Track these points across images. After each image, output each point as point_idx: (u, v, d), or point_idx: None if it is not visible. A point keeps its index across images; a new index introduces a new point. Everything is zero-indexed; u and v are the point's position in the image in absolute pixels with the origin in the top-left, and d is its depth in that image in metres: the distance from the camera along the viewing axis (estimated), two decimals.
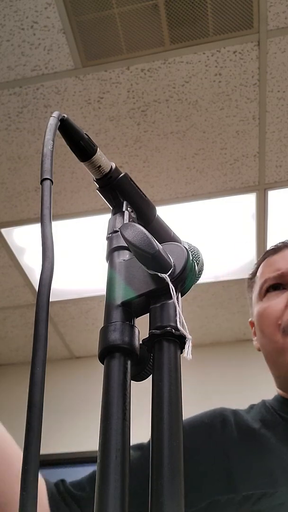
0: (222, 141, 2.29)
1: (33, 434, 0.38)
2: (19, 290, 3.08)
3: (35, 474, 0.37)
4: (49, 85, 2.07)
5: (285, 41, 1.94)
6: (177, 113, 2.17)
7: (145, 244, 0.48)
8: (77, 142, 0.57)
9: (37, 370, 0.40)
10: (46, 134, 0.53)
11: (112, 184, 0.59)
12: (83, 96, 2.11)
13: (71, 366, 3.69)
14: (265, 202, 2.56)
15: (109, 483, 0.39)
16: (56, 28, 1.88)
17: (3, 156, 2.32)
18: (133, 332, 0.47)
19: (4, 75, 2.02)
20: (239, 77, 2.05)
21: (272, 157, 2.36)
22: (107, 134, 2.24)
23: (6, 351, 3.61)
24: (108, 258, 0.54)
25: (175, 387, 0.44)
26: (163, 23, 1.89)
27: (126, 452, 0.41)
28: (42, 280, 0.44)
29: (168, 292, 0.47)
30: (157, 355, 0.46)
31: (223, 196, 2.53)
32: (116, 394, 0.43)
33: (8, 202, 2.54)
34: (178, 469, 0.40)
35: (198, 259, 0.58)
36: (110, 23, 1.88)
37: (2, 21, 1.86)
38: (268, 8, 1.85)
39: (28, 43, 1.93)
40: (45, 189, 0.50)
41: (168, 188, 2.48)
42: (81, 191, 2.49)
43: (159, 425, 0.42)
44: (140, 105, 2.14)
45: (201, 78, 2.06)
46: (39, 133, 2.22)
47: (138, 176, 2.41)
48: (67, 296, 3.13)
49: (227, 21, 1.89)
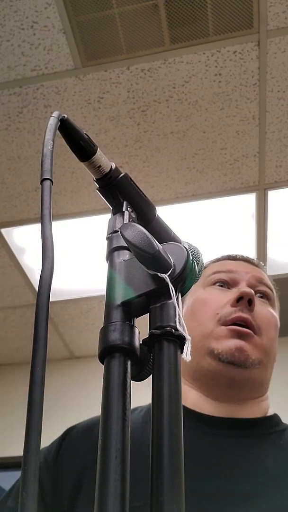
0: (222, 141, 2.29)
1: (33, 434, 0.38)
2: (19, 290, 3.08)
3: (35, 474, 0.37)
4: (49, 85, 2.07)
5: (285, 41, 1.94)
6: (177, 113, 2.17)
7: (145, 244, 0.48)
8: (77, 142, 0.57)
9: (37, 370, 0.40)
10: (46, 134, 0.53)
11: (112, 184, 0.59)
12: (83, 96, 2.11)
13: (71, 366, 3.69)
14: (265, 202, 2.56)
15: (109, 483, 0.39)
16: (56, 28, 1.88)
17: (3, 156, 2.32)
18: (133, 332, 0.47)
19: (4, 75, 2.02)
20: (239, 77, 2.05)
21: (272, 157, 2.36)
22: (107, 134, 2.24)
23: (6, 351, 3.61)
24: (108, 258, 0.54)
25: (175, 387, 0.44)
26: (163, 23, 1.89)
27: (126, 452, 0.41)
28: (42, 280, 0.44)
29: (168, 292, 0.47)
30: (157, 355, 0.46)
31: (223, 196, 2.53)
32: (116, 394, 0.43)
33: (8, 202, 2.54)
34: (178, 469, 0.40)
35: (198, 259, 0.58)
36: (110, 23, 1.88)
37: (2, 21, 1.86)
38: (268, 8, 1.85)
39: (28, 43, 1.93)
40: (45, 189, 0.50)
41: (168, 188, 2.48)
42: (81, 191, 2.49)
43: (159, 425, 0.42)
44: (140, 105, 2.14)
45: (201, 78, 2.06)
46: (39, 133, 2.22)
47: (138, 176, 2.41)
48: (67, 296, 3.13)
49: (227, 21, 1.89)
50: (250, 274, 0.98)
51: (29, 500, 0.35)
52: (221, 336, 0.89)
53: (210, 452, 0.84)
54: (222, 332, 0.90)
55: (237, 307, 0.90)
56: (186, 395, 0.92)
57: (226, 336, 0.89)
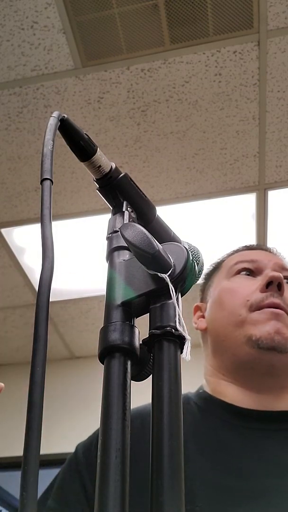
0: (222, 141, 2.29)
1: (33, 434, 0.38)
2: (19, 290, 3.08)
3: (35, 474, 0.37)
4: (49, 85, 2.07)
5: (285, 41, 1.94)
6: (177, 113, 2.17)
7: (145, 244, 0.48)
8: (77, 142, 0.57)
9: (37, 370, 0.40)
10: (46, 134, 0.53)
11: (112, 184, 0.59)
12: (83, 96, 2.11)
13: (71, 366, 3.69)
14: (265, 202, 2.56)
15: (109, 483, 0.39)
16: (56, 28, 1.88)
17: (3, 156, 2.32)
18: (133, 332, 0.47)
19: (4, 75, 2.02)
20: (239, 77, 2.05)
21: (272, 157, 2.36)
22: (107, 134, 2.24)
23: (6, 351, 3.61)
24: (108, 258, 0.54)
25: (175, 387, 0.44)
26: (163, 23, 1.89)
27: (126, 452, 0.41)
28: (42, 280, 0.44)
29: (168, 292, 0.47)
30: (157, 355, 0.46)
31: (223, 196, 2.53)
32: (116, 394, 0.43)
33: (8, 202, 2.54)
34: (178, 469, 0.40)
35: (198, 259, 0.58)
36: (110, 23, 1.88)
37: (2, 21, 1.86)
38: (268, 8, 1.85)
39: (28, 43, 1.93)
40: (45, 189, 0.50)
41: (168, 188, 2.48)
42: (81, 191, 2.49)
43: (159, 425, 0.42)
44: (140, 105, 2.14)
45: (201, 78, 2.06)
46: (39, 133, 2.22)
47: (138, 176, 2.41)
48: (67, 296, 3.13)
49: (227, 21, 1.89)
50: (272, 262, 0.97)
51: (29, 500, 0.35)
52: (257, 321, 0.88)
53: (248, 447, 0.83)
54: (259, 316, 0.88)
55: (267, 292, 0.90)
56: (223, 390, 0.91)
57: (263, 320, 0.87)
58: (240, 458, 0.81)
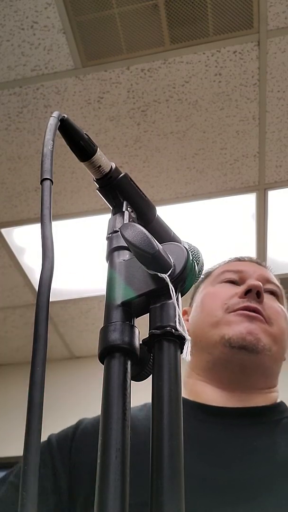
0: (222, 141, 2.29)
1: (33, 434, 0.38)
2: (19, 290, 3.08)
3: (35, 474, 0.37)
4: (49, 85, 2.07)
5: (285, 41, 1.94)
6: (177, 113, 2.17)
7: (145, 244, 0.48)
8: (77, 142, 0.57)
9: (37, 370, 0.40)
10: (46, 134, 0.53)
11: (112, 184, 0.59)
12: (83, 96, 2.11)
13: (71, 366, 3.69)
14: (265, 202, 2.56)
15: (109, 483, 0.39)
16: (56, 28, 1.88)
17: (3, 156, 2.32)
18: (133, 332, 0.47)
19: (4, 75, 2.02)
20: (239, 77, 2.05)
21: (272, 157, 2.36)
22: (107, 134, 2.24)
23: (6, 351, 3.61)
24: (108, 258, 0.54)
25: (175, 387, 0.44)
26: (163, 23, 1.89)
27: (126, 452, 0.41)
28: (42, 280, 0.44)
29: (168, 292, 0.47)
30: (157, 355, 0.46)
31: (223, 196, 2.53)
32: (116, 394, 0.43)
33: (8, 202, 2.54)
34: (178, 469, 0.40)
35: (198, 259, 0.59)
36: (110, 23, 1.88)
37: (2, 21, 1.86)
38: (268, 8, 1.85)
39: (28, 43, 1.93)
40: (45, 189, 0.50)
41: (168, 188, 2.48)
42: (81, 191, 2.49)
43: (159, 425, 0.42)
44: (140, 105, 2.14)
45: (201, 78, 2.06)
46: (39, 133, 2.22)
47: (138, 176, 2.41)
48: (67, 296, 3.13)
49: (227, 21, 1.89)
50: (257, 273, 0.99)
51: (29, 500, 0.35)
52: (231, 321, 0.90)
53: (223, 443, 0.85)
54: (234, 317, 0.91)
55: (245, 298, 0.92)
56: (198, 390, 0.93)
57: (237, 321, 0.90)
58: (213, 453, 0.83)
